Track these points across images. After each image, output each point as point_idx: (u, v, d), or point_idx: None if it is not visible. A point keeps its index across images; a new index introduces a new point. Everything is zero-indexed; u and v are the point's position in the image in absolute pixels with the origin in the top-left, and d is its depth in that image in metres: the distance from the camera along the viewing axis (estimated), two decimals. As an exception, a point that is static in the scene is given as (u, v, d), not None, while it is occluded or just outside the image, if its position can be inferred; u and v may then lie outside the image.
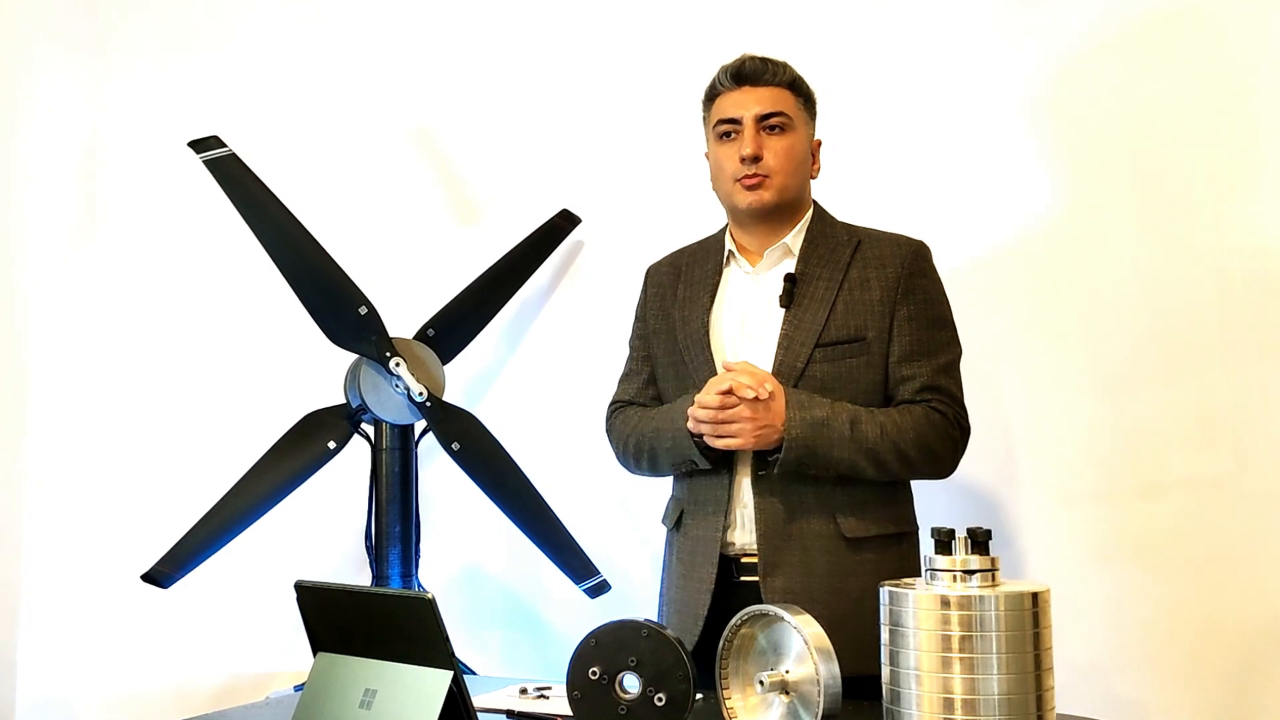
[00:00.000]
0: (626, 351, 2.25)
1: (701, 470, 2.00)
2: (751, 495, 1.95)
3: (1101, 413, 2.41)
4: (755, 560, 1.94)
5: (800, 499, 1.93)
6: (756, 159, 1.99)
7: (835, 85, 2.15)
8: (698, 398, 1.92)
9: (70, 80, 3.42)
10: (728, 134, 2.03)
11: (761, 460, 1.93)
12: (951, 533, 1.48)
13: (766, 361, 1.96)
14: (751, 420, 1.88)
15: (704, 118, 2.11)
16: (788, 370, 1.94)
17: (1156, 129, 2.39)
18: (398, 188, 3.19)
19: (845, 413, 1.91)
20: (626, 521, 2.85)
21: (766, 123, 2.00)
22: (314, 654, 1.67)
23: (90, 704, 3.16)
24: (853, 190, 2.35)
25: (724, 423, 1.89)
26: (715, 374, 2.00)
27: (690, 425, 1.93)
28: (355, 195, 3.19)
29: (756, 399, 1.86)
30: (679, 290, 2.12)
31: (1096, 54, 2.44)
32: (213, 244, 3.22)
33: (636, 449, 2.09)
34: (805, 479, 1.92)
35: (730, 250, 2.08)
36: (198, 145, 2.58)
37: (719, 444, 1.92)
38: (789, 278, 2.00)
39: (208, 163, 2.57)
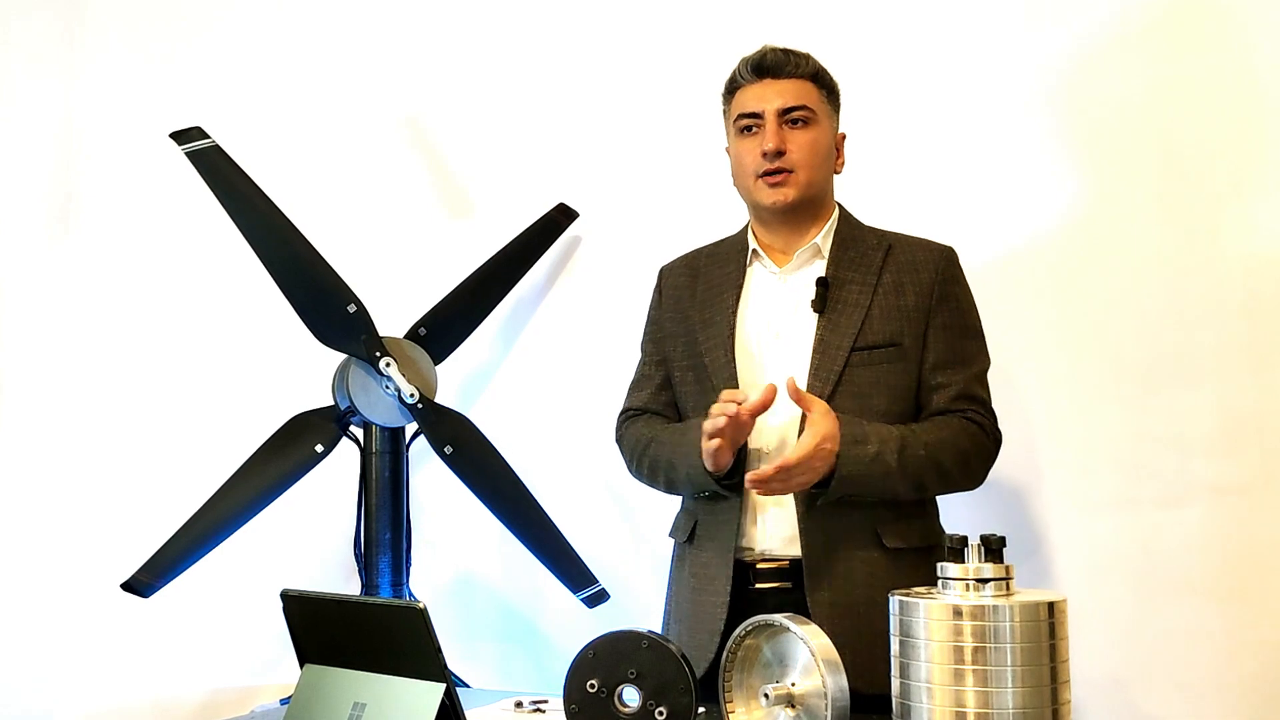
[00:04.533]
0: (626, 351, 2.25)
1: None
2: (791, 501, 1.95)
3: (1123, 418, 2.41)
4: (773, 566, 1.95)
5: (845, 511, 1.93)
6: (779, 154, 1.99)
7: (850, 81, 2.15)
8: (702, 426, 1.88)
9: (45, 68, 3.42)
10: (749, 128, 2.03)
11: (808, 498, 1.93)
12: (964, 540, 1.49)
13: (802, 365, 1.97)
14: (816, 470, 1.86)
15: (724, 111, 2.11)
16: (825, 374, 1.95)
17: (1181, 127, 2.39)
18: (388, 181, 3.19)
19: (894, 440, 1.91)
20: (626, 528, 2.85)
21: (789, 116, 2.00)
22: (301, 666, 1.67)
23: (68, 718, 3.16)
24: (870, 190, 2.35)
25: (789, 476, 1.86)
26: (736, 377, 2.00)
27: (708, 464, 1.92)
28: (344, 189, 3.19)
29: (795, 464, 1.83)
30: (698, 291, 2.12)
31: (1120, 50, 2.44)
32: (195, 239, 3.22)
33: (651, 470, 2.10)
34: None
35: (754, 249, 2.08)
36: (180, 136, 2.58)
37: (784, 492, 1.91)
38: (821, 281, 2.00)
39: (190, 155, 2.57)
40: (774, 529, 1.96)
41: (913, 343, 1.99)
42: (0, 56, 3.38)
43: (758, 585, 1.96)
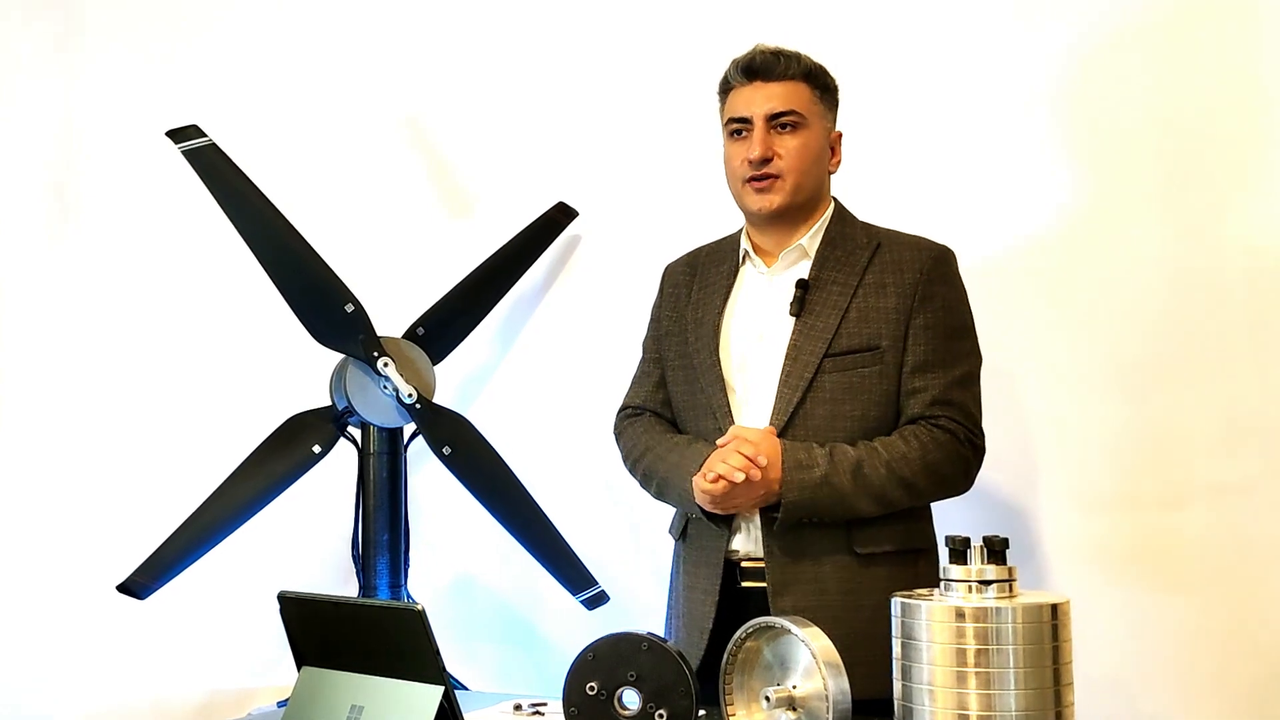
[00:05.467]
0: (626, 351, 2.26)
1: None
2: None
3: (1124, 416, 2.41)
4: (759, 565, 1.96)
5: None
6: (765, 161, 1.99)
7: (848, 78, 2.15)
8: (696, 482, 1.92)
9: (42, 66, 3.42)
10: (738, 132, 2.03)
11: (767, 513, 1.94)
12: (966, 541, 1.49)
13: (776, 369, 1.97)
14: (747, 495, 1.90)
15: (719, 108, 2.11)
16: (795, 381, 1.95)
17: (1182, 124, 2.39)
18: (386, 179, 3.19)
19: (847, 461, 1.90)
20: (626, 529, 2.85)
21: (778, 121, 2.00)
22: (298, 668, 1.67)
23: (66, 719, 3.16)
24: (867, 187, 2.35)
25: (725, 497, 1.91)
26: (721, 376, 2.01)
27: (698, 501, 1.94)
28: (342, 187, 3.19)
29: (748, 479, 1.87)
30: (694, 291, 2.13)
31: (1118, 43, 2.44)
32: (192, 238, 3.22)
33: (645, 478, 2.12)
34: None
35: (746, 250, 2.08)
36: (176, 135, 2.58)
37: (725, 513, 1.96)
38: (801, 284, 2.00)
39: (186, 153, 2.57)
40: (756, 530, 1.97)
41: (892, 345, 1.97)
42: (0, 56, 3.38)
43: (743, 584, 1.97)
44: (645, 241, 2.76)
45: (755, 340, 2.02)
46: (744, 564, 1.98)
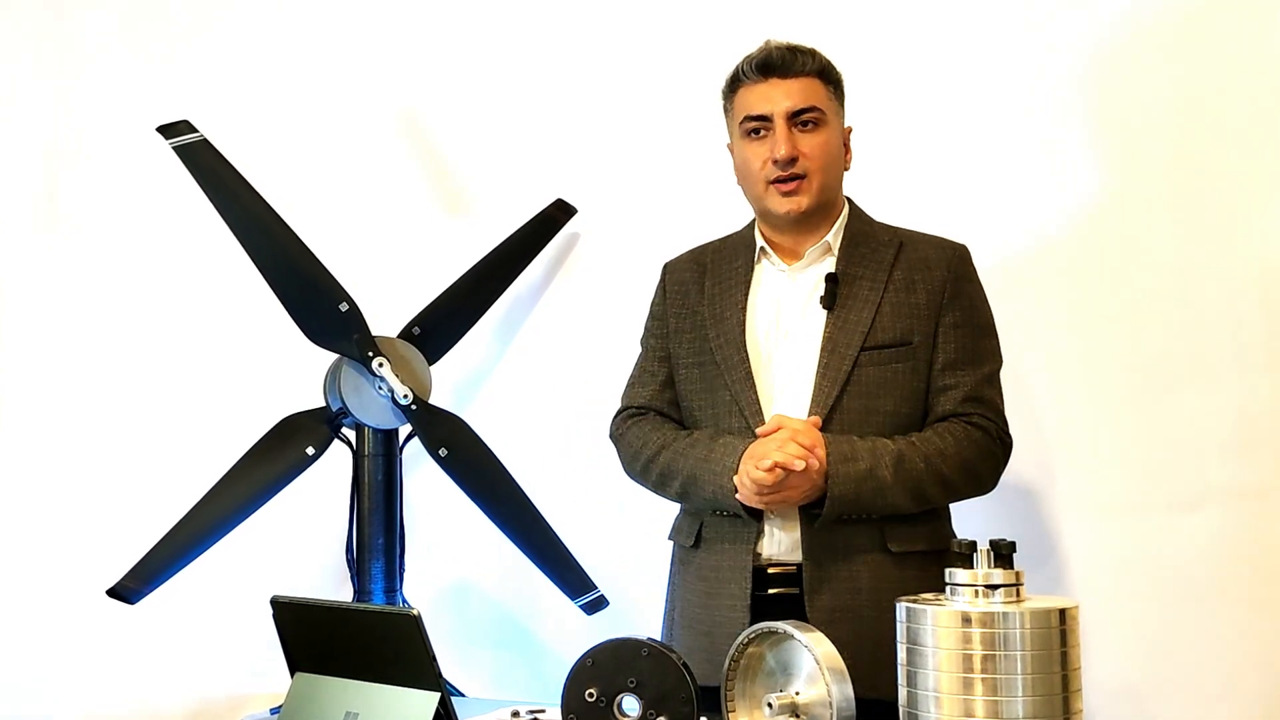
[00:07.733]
0: (626, 350, 2.25)
1: None
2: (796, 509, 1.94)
3: (1137, 419, 2.41)
4: (783, 570, 1.95)
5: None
6: (792, 160, 1.98)
7: (863, 76, 2.14)
8: (747, 472, 1.87)
9: (31, 60, 3.42)
10: (756, 131, 2.01)
11: (807, 510, 1.93)
12: (973, 545, 1.48)
13: (810, 364, 1.97)
14: (801, 487, 1.88)
15: (725, 108, 2.09)
16: (834, 374, 1.95)
17: (1197, 126, 2.39)
18: (382, 176, 3.19)
19: (889, 455, 1.90)
20: (625, 532, 2.84)
21: (799, 119, 1.99)
22: (291, 674, 1.67)
23: (56, 726, 3.16)
24: (883, 187, 2.35)
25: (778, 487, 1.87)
26: (750, 372, 2.00)
27: (740, 495, 1.91)
28: (336, 184, 3.19)
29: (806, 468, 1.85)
30: (706, 286, 2.12)
31: (1136, 46, 2.44)
32: (184, 236, 3.22)
33: (661, 477, 2.07)
34: None
35: (762, 246, 2.08)
36: (167, 130, 2.58)
37: (769, 507, 1.93)
38: (830, 278, 2.00)
39: (178, 149, 2.57)
40: (782, 534, 1.96)
41: (923, 341, 1.99)
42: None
43: (769, 590, 1.96)
44: (645, 239, 2.76)
45: (782, 338, 2.01)
46: (770, 570, 1.96)
